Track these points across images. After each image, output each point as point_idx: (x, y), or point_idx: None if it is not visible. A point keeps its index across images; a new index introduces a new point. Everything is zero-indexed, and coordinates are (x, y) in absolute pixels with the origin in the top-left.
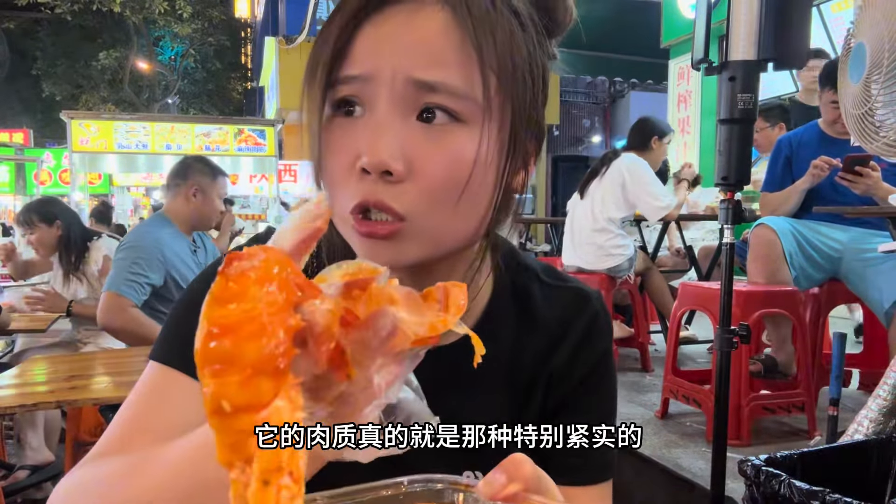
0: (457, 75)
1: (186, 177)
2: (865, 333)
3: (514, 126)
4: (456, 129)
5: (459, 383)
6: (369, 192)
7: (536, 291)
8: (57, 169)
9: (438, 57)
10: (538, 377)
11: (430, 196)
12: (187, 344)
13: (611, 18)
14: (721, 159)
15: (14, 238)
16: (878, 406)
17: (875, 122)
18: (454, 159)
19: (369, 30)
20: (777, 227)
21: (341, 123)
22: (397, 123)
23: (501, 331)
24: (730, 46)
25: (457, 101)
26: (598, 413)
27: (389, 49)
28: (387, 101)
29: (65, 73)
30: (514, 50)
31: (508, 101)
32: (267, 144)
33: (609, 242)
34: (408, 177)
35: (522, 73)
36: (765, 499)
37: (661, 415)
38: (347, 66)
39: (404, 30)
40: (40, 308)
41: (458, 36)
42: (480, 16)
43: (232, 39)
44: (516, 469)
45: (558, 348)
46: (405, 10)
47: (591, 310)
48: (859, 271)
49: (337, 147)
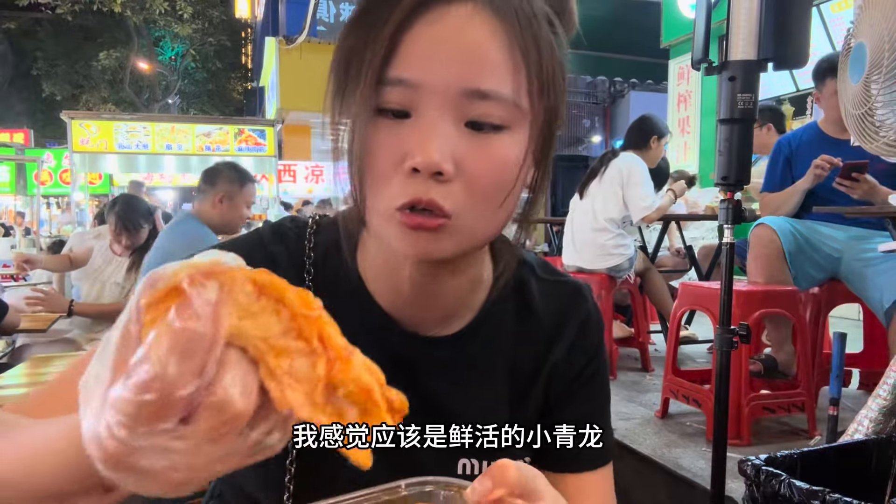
0: (506, 83)
1: (214, 183)
2: (865, 333)
3: (547, 128)
4: (501, 135)
5: (460, 373)
6: (421, 190)
7: (534, 286)
8: (57, 169)
9: (490, 65)
10: (539, 371)
11: (476, 197)
12: None
13: (611, 18)
14: (721, 159)
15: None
16: (879, 406)
17: (875, 121)
18: (500, 163)
19: (421, 31)
20: (777, 226)
21: (387, 124)
22: (448, 128)
23: (502, 323)
24: (730, 46)
25: (504, 108)
26: (594, 403)
27: (443, 56)
28: (437, 108)
29: (65, 73)
30: (552, 56)
31: (545, 104)
32: (267, 144)
33: (609, 242)
34: (456, 178)
35: (559, 81)
36: (765, 498)
37: (661, 415)
38: (397, 67)
39: (456, 36)
40: (41, 308)
41: (507, 43)
42: (526, 23)
43: (232, 39)
44: (502, 474)
45: (557, 343)
46: (455, 13)
47: (585, 304)
48: (859, 271)
49: (382, 147)
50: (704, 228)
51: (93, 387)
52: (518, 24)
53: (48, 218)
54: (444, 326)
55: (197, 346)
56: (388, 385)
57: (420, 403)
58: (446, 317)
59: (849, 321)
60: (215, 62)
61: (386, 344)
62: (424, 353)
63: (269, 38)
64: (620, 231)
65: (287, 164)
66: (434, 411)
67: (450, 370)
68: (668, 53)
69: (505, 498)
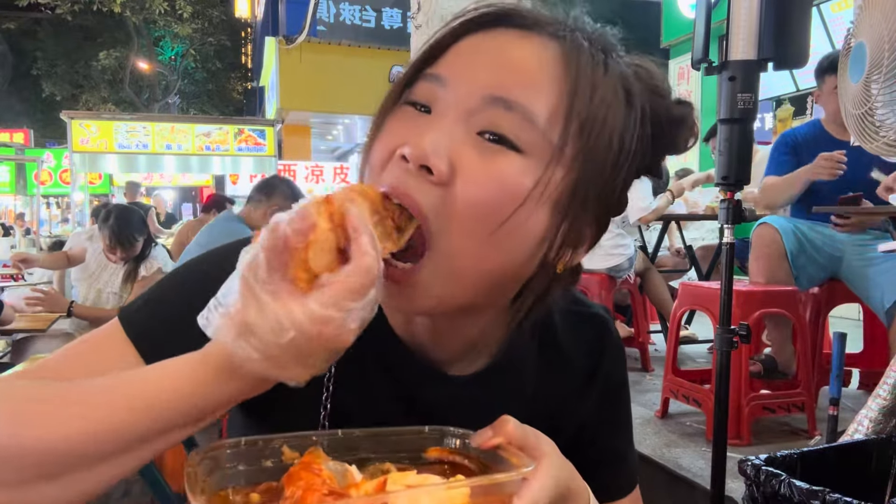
0: (539, 103)
1: (270, 196)
2: (865, 333)
3: (578, 188)
4: (511, 155)
5: (478, 416)
6: (400, 179)
7: (557, 320)
8: (57, 169)
9: (527, 82)
10: (567, 414)
11: (461, 210)
12: (166, 334)
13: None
14: (721, 159)
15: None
16: (879, 406)
17: (875, 121)
18: (500, 181)
19: (472, 40)
20: (780, 226)
21: (408, 112)
22: (456, 128)
23: (523, 366)
24: (730, 46)
25: (524, 126)
26: (624, 433)
27: (480, 63)
28: (454, 109)
29: (65, 73)
30: (608, 113)
31: (581, 158)
32: (267, 144)
33: (608, 242)
34: (448, 182)
35: (610, 140)
36: (765, 498)
37: (661, 414)
38: (435, 66)
39: (503, 50)
40: (41, 308)
41: (560, 72)
42: (588, 65)
43: (232, 39)
44: (501, 426)
45: (587, 387)
46: (518, 34)
47: (611, 339)
48: (860, 271)
49: (390, 133)
50: (704, 228)
51: (254, 304)
52: (578, 59)
53: (48, 218)
54: (465, 362)
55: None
56: (405, 424)
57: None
58: (467, 352)
59: (849, 321)
60: (215, 62)
61: (404, 382)
62: (443, 392)
63: (269, 37)
64: (620, 231)
65: (287, 163)
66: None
67: (468, 411)
68: (668, 53)
69: (503, 445)
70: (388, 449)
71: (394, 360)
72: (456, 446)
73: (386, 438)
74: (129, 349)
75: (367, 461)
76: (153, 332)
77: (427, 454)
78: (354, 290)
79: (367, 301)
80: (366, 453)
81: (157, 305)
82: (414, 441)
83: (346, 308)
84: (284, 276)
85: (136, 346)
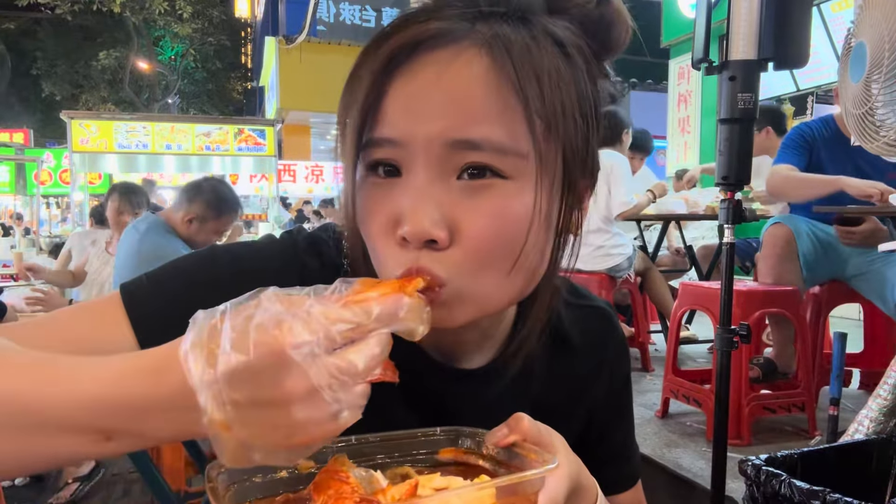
0: (500, 129)
1: (192, 201)
2: (865, 333)
3: (567, 172)
4: (500, 185)
5: (485, 408)
6: (412, 259)
7: (563, 312)
8: (57, 169)
9: (478, 112)
10: (574, 408)
11: (479, 260)
12: (162, 312)
13: None
14: (721, 159)
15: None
16: (879, 406)
17: (875, 121)
18: (502, 218)
19: (401, 85)
20: (795, 227)
21: (377, 183)
22: (437, 187)
23: (532, 358)
24: (730, 46)
25: (501, 158)
26: (627, 428)
27: (423, 110)
28: (424, 166)
29: (65, 73)
30: (561, 90)
31: (559, 147)
32: (267, 144)
33: (608, 242)
34: (453, 242)
35: (572, 114)
36: (765, 498)
37: (662, 414)
38: (380, 127)
39: (437, 85)
40: (41, 308)
41: (498, 82)
42: (521, 56)
43: (232, 39)
44: (516, 423)
45: (593, 381)
46: (438, 59)
47: (614, 331)
48: (865, 267)
49: (374, 209)
50: (704, 228)
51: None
52: (510, 57)
53: (48, 218)
54: (475, 356)
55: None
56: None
57: None
58: (478, 346)
59: (849, 321)
60: (215, 62)
61: (415, 377)
62: (453, 386)
63: (268, 37)
64: (617, 231)
65: (287, 163)
66: None
67: (479, 403)
68: (668, 53)
69: (519, 442)
70: (403, 452)
71: (403, 357)
72: (469, 447)
73: (400, 442)
74: (123, 319)
75: (383, 466)
76: (150, 307)
77: (440, 455)
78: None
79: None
80: (381, 458)
81: (160, 281)
82: (427, 443)
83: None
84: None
85: (130, 319)
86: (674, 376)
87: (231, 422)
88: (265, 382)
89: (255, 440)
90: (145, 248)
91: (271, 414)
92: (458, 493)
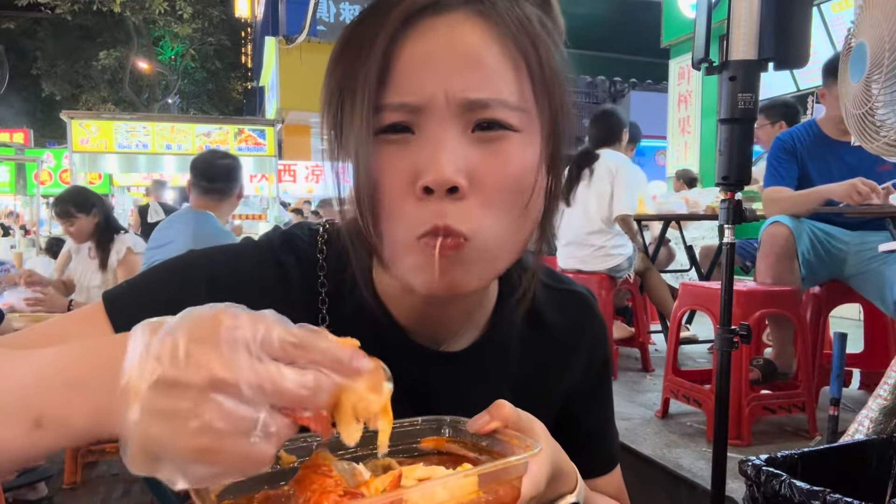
0: (507, 87)
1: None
2: (865, 333)
3: (556, 132)
4: (511, 137)
5: (468, 389)
6: (437, 215)
7: (541, 295)
8: (57, 169)
9: (488, 73)
10: (552, 389)
11: (495, 209)
12: (142, 315)
13: (611, 18)
14: (721, 159)
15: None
16: (879, 406)
17: (875, 121)
18: (516, 167)
19: (411, 49)
20: (793, 226)
21: (390, 148)
22: (453, 140)
23: (510, 340)
24: (730, 46)
25: (510, 113)
26: (605, 412)
27: (437, 72)
28: (439, 123)
29: (65, 73)
30: (550, 56)
31: (549, 107)
32: (267, 144)
33: (608, 243)
34: (471, 192)
35: (558, 79)
36: (765, 499)
37: (662, 415)
38: (393, 92)
39: (447, 48)
40: (40, 308)
41: (502, 46)
42: (519, 25)
43: (232, 39)
44: (497, 410)
45: (571, 364)
46: (444, 23)
47: (594, 318)
48: (864, 266)
49: (389, 171)
50: (704, 228)
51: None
52: (511, 26)
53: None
54: (456, 340)
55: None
56: (401, 403)
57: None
58: (461, 328)
59: (849, 321)
60: (215, 62)
61: (397, 361)
62: (435, 370)
63: (269, 37)
64: (618, 231)
65: (287, 163)
66: None
67: (460, 386)
68: (668, 53)
69: (500, 429)
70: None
71: (389, 341)
72: (451, 435)
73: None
74: (106, 325)
75: (364, 458)
76: (130, 312)
77: (422, 445)
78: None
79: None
80: (361, 450)
81: (140, 287)
82: (408, 433)
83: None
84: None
85: (112, 325)
86: (674, 376)
87: (144, 402)
88: (191, 362)
89: (162, 433)
90: (207, 232)
91: (186, 400)
92: (442, 481)
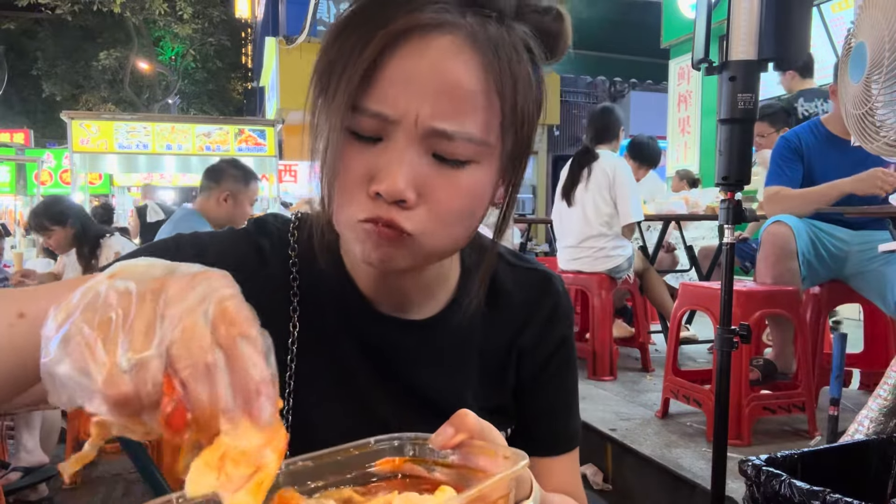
0: (475, 124)
1: (219, 181)
2: (865, 333)
3: (518, 156)
4: (468, 168)
5: (433, 357)
6: (382, 211)
7: (505, 272)
8: (57, 169)
9: (461, 105)
10: (507, 355)
11: (438, 221)
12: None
13: (611, 18)
14: (721, 159)
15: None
16: (879, 406)
17: (875, 121)
18: (464, 194)
19: (398, 64)
20: (794, 225)
21: (358, 145)
22: (413, 157)
23: (473, 313)
24: (730, 46)
25: (472, 147)
26: (563, 393)
27: (415, 93)
28: (405, 137)
29: (65, 73)
30: (527, 91)
31: (514, 140)
32: (267, 144)
33: (609, 244)
34: (418, 204)
35: (531, 111)
36: (765, 499)
37: (662, 415)
38: (374, 99)
39: (432, 72)
40: None
41: (483, 80)
42: (506, 58)
43: (232, 39)
44: (462, 422)
45: (525, 329)
46: (436, 46)
47: (554, 293)
48: (865, 266)
49: (351, 166)
50: (704, 228)
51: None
52: (497, 59)
53: None
54: (421, 310)
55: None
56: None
57: (396, 388)
58: (421, 302)
59: (849, 321)
60: (215, 62)
61: (364, 329)
62: (399, 337)
63: (269, 38)
64: (617, 233)
65: (287, 163)
66: (408, 395)
67: (423, 354)
68: (668, 53)
69: (466, 441)
70: (334, 471)
71: (353, 310)
72: (414, 454)
73: (331, 460)
74: None
75: (317, 490)
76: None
77: (377, 468)
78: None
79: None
80: (314, 482)
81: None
82: (361, 457)
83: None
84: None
85: None
86: (674, 376)
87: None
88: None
89: (70, 331)
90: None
91: (97, 310)
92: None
